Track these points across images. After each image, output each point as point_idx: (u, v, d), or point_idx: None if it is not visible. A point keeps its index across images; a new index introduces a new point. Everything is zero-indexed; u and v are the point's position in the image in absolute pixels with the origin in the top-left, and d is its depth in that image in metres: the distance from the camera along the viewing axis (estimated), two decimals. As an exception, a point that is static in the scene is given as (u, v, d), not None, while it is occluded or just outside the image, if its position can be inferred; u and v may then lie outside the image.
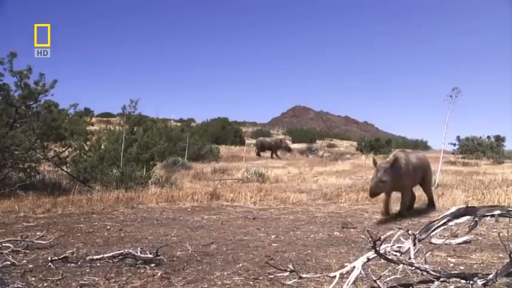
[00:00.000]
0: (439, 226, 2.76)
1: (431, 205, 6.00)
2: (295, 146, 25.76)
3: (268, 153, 19.31)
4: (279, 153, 19.10)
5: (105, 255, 3.31)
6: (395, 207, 5.70)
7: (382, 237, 2.54)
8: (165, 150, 12.61)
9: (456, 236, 4.03)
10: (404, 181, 5.27)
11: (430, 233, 2.78)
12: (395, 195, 5.72)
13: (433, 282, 2.47)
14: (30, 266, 3.16)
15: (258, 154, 19.23)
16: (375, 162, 5.16)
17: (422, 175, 5.77)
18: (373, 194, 5.06)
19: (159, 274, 2.97)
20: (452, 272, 2.63)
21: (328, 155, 20.32)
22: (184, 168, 12.33)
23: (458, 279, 2.47)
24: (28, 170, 7.46)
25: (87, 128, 9.45)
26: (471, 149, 23.75)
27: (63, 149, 8.35)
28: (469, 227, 2.78)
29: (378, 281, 2.53)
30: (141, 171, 8.21)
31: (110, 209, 5.99)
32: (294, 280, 2.71)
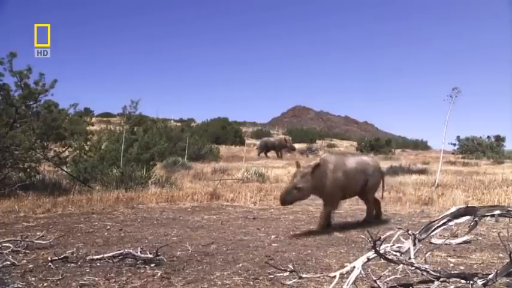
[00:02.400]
0: (439, 226, 2.76)
1: (369, 218, 5.07)
2: (295, 146, 25.72)
3: (265, 153, 19.32)
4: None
5: (105, 255, 3.31)
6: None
7: (382, 237, 2.54)
8: (165, 150, 12.61)
9: (456, 236, 4.03)
10: (330, 189, 4.48)
11: (430, 233, 2.79)
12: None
13: (433, 282, 2.47)
14: (30, 266, 3.16)
15: (265, 154, 19.21)
16: (298, 165, 4.53)
17: (363, 182, 4.84)
18: (284, 202, 4.34)
19: (159, 274, 2.97)
20: (452, 272, 2.63)
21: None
22: (184, 168, 12.32)
23: (458, 279, 2.47)
24: (28, 170, 7.46)
25: (87, 128, 9.43)
26: (471, 149, 23.76)
27: (63, 149, 8.34)
28: (469, 227, 2.79)
29: (378, 281, 2.53)
30: (141, 171, 8.21)
31: (110, 209, 5.99)
32: (294, 280, 2.71)
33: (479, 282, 2.38)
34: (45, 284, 2.75)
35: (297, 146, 26.16)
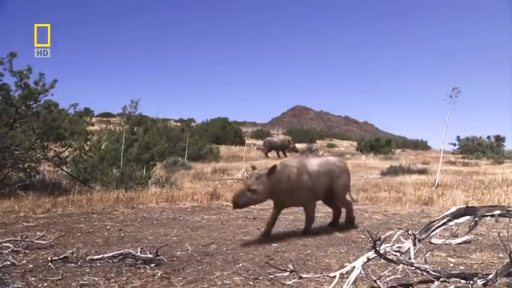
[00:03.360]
0: (439, 226, 2.76)
1: (334, 223, 4.85)
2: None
3: (266, 154, 19.31)
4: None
5: (105, 255, 3.31)
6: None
7: (382, 237, 2.54)
8: (165, 150, 12.61)
9: (456, 236, 4.03)
10: (300, 193, 4.25)
11: (430, 233, 2.79)
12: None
13: (433, 282, 2.47)
14: (30, 266, 3.16)
15: (266, 154, 19.20)
16: (254, 168, 4.40)
17: (329, 186, 4.53)
18: (236, 204, 4.08)
19: (159, 274, 2.97)
20: (452, 272, 2.63)
21: (328, 155, 20.30)
22: (184, 168, 12.32)
23: (458, 279, 2.47)
24: (28, 170, 7.46)
25: (87, 128, 9.43)
26: (471, 149, 23.76)
27: (63, 149, 8.34)
28: (469, 227, 2.79)
29: (378, 281, 2.53)
30: (141, 171, 8.21)
31: (110, 209, 5.99)
32: (294, 280, 2.71)
33: (479, 282, 2.38)
34: (45, 284, 2.75)
35: (297, 146, 26.17)
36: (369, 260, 2.59)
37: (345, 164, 4.89)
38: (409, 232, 2.74)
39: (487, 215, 2.69)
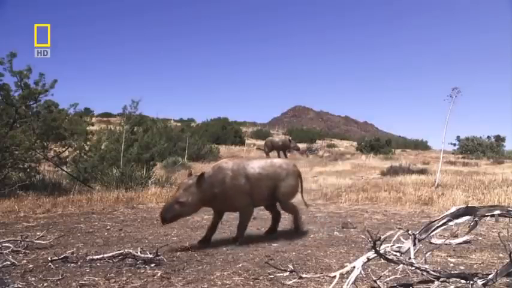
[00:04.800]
0: (439, 226, 2.76)
1: (272, 229, 4.47)
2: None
3: (267, 154, 19.31)
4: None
5: (105, 255, 3.31)
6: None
7: (382, 237, 2.54)
8: (165, 150, 12.61)
9: (456, 236, 4.03)
10: (236, 197, 3.90)
11: (430, 233, 2.78)
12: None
13: (433, 282, 2.47)
14: (30, 266, 3.16)
15: (267, 154, 19.20)
16: (189, 174, 4.04)
17: (272, 190, 4.14)
18: (165, 220, 3.74)
19: (159, 274, 2.97)
20: (452, 272, 2.63)
21: (328, 155, 20.33)
22: (184, 168, 12.30)
23: (458, 279, 2.47)
24: (28, 170, 7.47)
25: (87, 128, 9.44)
26: (471, 149, 23.79)
27: (63, 149, 8.35)
28: (469, 227, 2.79)
29: (378, 281, 2.53)
30: (141, 171, 8.21)
31: (110, 209, 5.99)
32: (294, 280, 2.71)
33: (479, 282, 2.38)
34: (45, 284, 2.75)
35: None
36: (369, 260, 2.59)
37: (293, 167, 4.40)
38: (409, 232, 2.74)
39: (487, 215, 2.69)
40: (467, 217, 2.72)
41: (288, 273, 2.76)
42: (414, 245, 2.68)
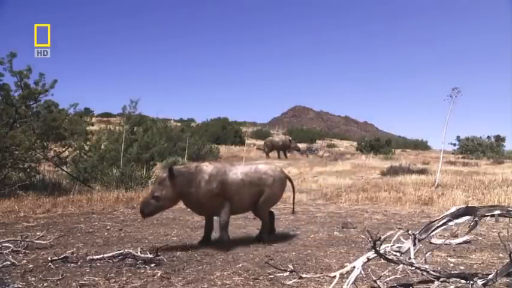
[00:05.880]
0: (439, 226, 2.76)
1: (262, 234, 4.21)
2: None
3: (267, 154, 19.31)
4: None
5: (105, 255, 3.31)
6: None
7: (382, 237, 2.54)
8: (165, 150, 12.60)
9: (456, 236, 4.03)
10: (210, 202, 3.81)
11: (430, 233, 2.79)
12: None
13: (433, 282, 2.47)
14: (30, 266, 3.16)
15: (267, 154, 19.20)
16: (169, 169, 3.85)
17: (257, 197, 4.02)
18: (143, 213, 3.80)
19: (159, 274, 2.97)
20: (452, 272, 2.63)
21: (328, 155, 20.31)
22: (184, 168, 12.29)
23: (458, 279, 2.47)
24: (28, 170, 7.47)
25: (87, 128, 9.44)
26: (471, 149, 23.77)
27: (63, 149, 8.35)
28: (469, 227, 2.79)
29: (378, 281, 2.53)
30: (141, 171, 8.21)
31: (110, 209, 5.99)
32: (294, 280, 2.71)
33: (479, 282, 2.38)
34: (45, 284, 2.75)
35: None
36: (369, 260, 2.59)
37: (280, 173, 4.21)
38: (409, 232, 2.74)
39: (487, 215, 2.69)
40: (467, 217, 2.72)
41: (288, 273, 2.76)
42: (414, 245, 2.68)
